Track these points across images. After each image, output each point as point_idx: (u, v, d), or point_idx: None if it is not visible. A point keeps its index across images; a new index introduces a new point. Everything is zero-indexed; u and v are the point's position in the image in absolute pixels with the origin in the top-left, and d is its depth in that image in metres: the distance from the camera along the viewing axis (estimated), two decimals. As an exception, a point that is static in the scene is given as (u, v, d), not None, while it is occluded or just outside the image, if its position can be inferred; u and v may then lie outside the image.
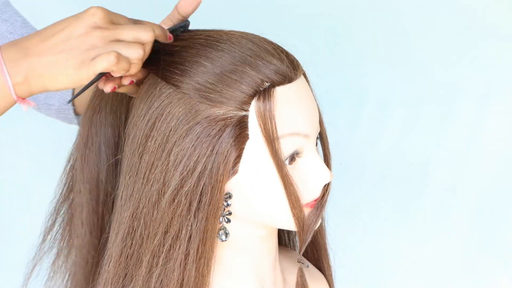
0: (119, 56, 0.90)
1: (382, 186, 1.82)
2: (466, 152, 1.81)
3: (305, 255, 1.20)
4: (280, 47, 1.01)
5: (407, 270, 1.85)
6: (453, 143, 1.81)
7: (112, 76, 0.97)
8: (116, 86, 0.99)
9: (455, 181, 1.82)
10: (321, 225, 1.15)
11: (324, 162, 1.06)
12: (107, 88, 0.99)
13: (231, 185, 0.99)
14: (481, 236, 1.83)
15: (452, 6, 1.74)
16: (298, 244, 1.21)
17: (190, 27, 1.05)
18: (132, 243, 1.01)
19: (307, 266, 1.07)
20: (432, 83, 1.78)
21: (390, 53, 1.77)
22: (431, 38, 1.76)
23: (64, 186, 1.15)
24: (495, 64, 1.76)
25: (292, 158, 0.99)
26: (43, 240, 1.16)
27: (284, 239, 1.22)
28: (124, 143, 1.05)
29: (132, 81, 0.99)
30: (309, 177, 1.00)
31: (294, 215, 1.00)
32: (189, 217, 0.97)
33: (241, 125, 0.96)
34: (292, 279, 1.13)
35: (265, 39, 1.01)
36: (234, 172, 0.98)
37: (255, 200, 1.00)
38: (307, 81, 1.03)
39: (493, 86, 1.78)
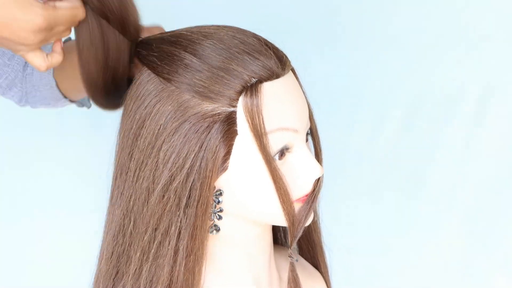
0: None
1: (381, 186, 1.82)
2: (465, 152, 1.81)
3: (301, 253, 1.21)
4: (269, 42, 1.01)
5: (406, 270, 1.84)
6: (451, 144, 1.81)
7: None
8: None
9: (454, 181, 1.82)
10: (315, 223, 1.15)
11: (316, 157, 1.06)
12: None
13: (221, 182, 0.99)
14: (480, 236, 1.83)
15: (450, 8, 1.74)
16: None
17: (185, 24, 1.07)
18: (123, 241, 1.02)
19: (296, 260, 1.07)
20: (430, 84, 1.78)
21: (387, 54, 1.77)
22: (429, 39, 1.76)
23: None
24: (493, 65, 1.76)
25: (282, 153, 0.99)
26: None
27: (280, 238, 1.22)
28: (115, 142, 1.06)
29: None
30: (299, 172, 1.01)
31: (284, 210, 1.00)
32: (178, 213, 0.98)
33: (229, 121, 0.96)
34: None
35: (253, 35, 1.01)
36: (224, 169, 0.98)
37: (245, 196, 1.00)
38: (296, 76, 1.03)
39: (491, 88, 1.78)
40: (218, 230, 1.02)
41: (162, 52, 1.00)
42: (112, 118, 1.08)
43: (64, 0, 0.99)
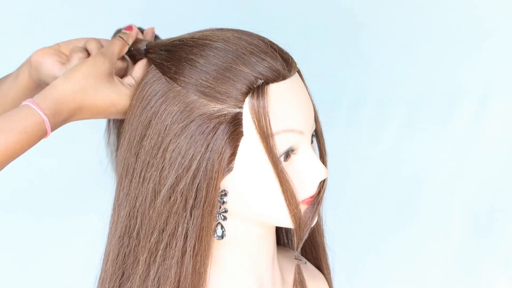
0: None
1: (381, 187, 1.82)
2: (465, 152, 1.81)
3: (304, 254, 1.21)
4: (275, 44, 1.01)
5: (406, 270, 1.84)
6: (451, 144, 1.81)
7: None
8: None
9: (453, 181, 1.82)
10: (318, 224, 1.15)
11: (320, 159, 1.06)
12: None
13: (226, 183, 0.99)
14: (480, 237, 1.83)
15: (451, 7, 1.75)
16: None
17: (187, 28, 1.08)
18: (129, 242, 1.02)
19: (305, 263, 1.07)
20: (430, 84, 1.78)
21: (388, 53, 1.77)
22: (429, 38, 1.76)
23: None
24: (494, 65, 1.76)
25: (287, 154, 0.99)
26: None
27: (282, 238, 1.21)
28: (120, 143, 1.06)
29: None
30: (305, 173, 1.01)
31: (290, 212, 1.00)
32: (185, 214, 0.98)
33: (236, 122, 0.97)
34: (291, 278, 1.12)
35: (259, 37, 1.02)
36: (229, 170, 0.98)
37: (250, 197, 1.00)
38: (302, 78, 1.03)
39: (492, 88, 1.78)
40: (223, 232, 1.02)
41: (169, 52, 1.01)
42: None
43: (136, 67, 1.07)
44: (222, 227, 1.02)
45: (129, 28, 1.09)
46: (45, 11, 1.69)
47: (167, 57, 1.00)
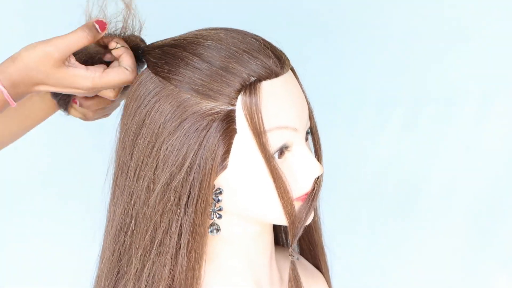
0: None
1: (381, 187, 1.82)
2: (465, 153, 1.81)
3: (302, 253, 1.21)
4: (268, 42, 1.02)
5: (405, 270, 1.85)
6: (451, 144, 1.81)
7: None
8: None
9: (454, 181, 1.82)
10: (316, 223, 1.16)
11: (315, 156, 1.07)
12: None
13: (221, 181, 1.00)
14: (480, 236, 1.83)
15: (451, 8, 1.75)
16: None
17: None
18: (124, 240, 1.03)
19: (297, 259, 1.07)
20: (431, 84, 1.79)
21: (388, 54, 1.77)
22: (430, 39, 1.76)
23: None
24: (494, 65, 1.77)
25: (281, 151, 1.00)
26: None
27: (281, 238, 1.22)
28: (116, 142, 1.06)
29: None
30: (299, 170, 1.01)
31: (284, 209, 1.00)
32: (178, 211, 0.98)
33: (228, 120, 0.97)
34: (290, 277, 1.13)
35: (252, 35, 1.02)
36: (224, 167, 0.99)
37: (245, 195, 1.00)
38: (296, 76, 1.04)
39: (492, 88, 1.78)
40: (218, 230, 1.03)
41: (163, 52, 1.01)
42: (113, 118, 1.09)
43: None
44: (216, 226, 1.02)
45: (101, 24, 1.04)
46: (45, 11, 1.70)
47: (161, 56, 1.01)
